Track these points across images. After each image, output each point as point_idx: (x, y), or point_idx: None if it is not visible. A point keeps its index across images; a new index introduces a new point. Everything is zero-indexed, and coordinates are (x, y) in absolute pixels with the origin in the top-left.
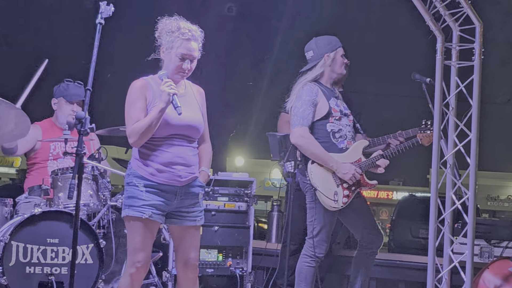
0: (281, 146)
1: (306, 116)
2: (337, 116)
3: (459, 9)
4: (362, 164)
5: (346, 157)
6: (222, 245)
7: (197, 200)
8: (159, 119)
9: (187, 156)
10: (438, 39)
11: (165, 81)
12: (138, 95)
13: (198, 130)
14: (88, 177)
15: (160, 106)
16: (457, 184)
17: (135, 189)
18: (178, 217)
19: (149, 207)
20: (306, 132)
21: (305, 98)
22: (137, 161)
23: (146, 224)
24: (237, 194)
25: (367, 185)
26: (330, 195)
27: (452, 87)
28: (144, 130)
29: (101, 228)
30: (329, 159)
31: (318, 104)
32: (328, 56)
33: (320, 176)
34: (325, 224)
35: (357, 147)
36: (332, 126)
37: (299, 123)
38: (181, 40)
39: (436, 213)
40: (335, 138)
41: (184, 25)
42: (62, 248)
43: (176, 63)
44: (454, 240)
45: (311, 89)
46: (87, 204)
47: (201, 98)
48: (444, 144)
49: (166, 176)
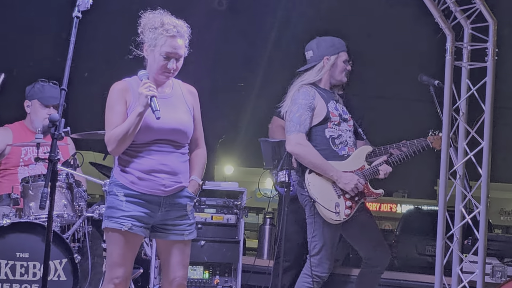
0: (274, 153)
1: (303, 121)
2: (336, 120)
3: (471, 5)
4: (366, 172)
5: (347, 165)
6: (209, 261)
7: (184, 212)
8: (138, 124)
9: (173, 163)
10: (448, 38)
11: (144, 82)
12: (117, 99)
13: (185, 134)
14: (62, 185)
15: (137, 110)
16: (467, 197)
17: (114, 198)
18: (163, 230)
19: (129, 218)
20: (303, 139)
21: (301, 102)
22: (118, 169)
23: (126, 237)
24: (225, 205)
25: (372, 195)
26: (330, 207)
27: (463, 91)
28: (121, 137)
29: (76, 241)
30: (328, 168)
31: (315, 108)
32: (328, 59)
33: (319, 186)
34: (326, 241)
35: (359, 154)
36: (331, 132)
37: (295, 130)
38: (165, 37)
39: (444, 228)
40: (335, 145)
41: (169, 20)
42: (32, 263)
43: (160, 62)
44: (463, 258)
45: (307, 92)
46: (61, 215)
47: (192, 98)
48: (453, 153)
49: (147, 184)
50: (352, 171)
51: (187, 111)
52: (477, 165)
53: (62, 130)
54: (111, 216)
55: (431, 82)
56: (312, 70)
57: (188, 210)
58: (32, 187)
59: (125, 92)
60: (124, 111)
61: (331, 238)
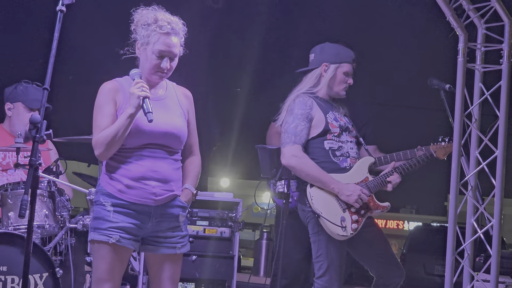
0: (272, 162)
1: (298, 132)
2: (336, 132)
3: (485, 3)
4: (370, 183)
5: (349, 177)
6: (200, 277)
7: (177, 224)
8: (128, 126)
9: (164, 170)
10: (461, 38)
11: (136, 82)
12: (106, 99)
13: (178, 139)
14: (43, 193)
15: (128, 111)
16: (479, 210)
17: (101, 208)
18: (153, 243)
19: (118, 230)
20: (299, 150)
21: (297, 112)
22: (105, 176)
23: (114, 250)
24: (219, 217)
25: (379, 208)
26: (336, 221)
27: (475, 95)
28: (110, 140)
29: (58, 254)
30: (328, 181)
31: (313, 119)
32: (327, 66)
33: (322, 200)
34: (332, 260)
35: (362, 165)
36: (330, 144)
37: (290, 141)
38: (158, 34)
39: (454, 243)
40: (336, 157)
41: (163, 16)
42: (11, 277)
43: (153, 61)
44: (475, 276)
45: (304, 101)
46: (42, 225)
47: (187, 102)
48: (465, 162)
49: (137, 193)
50: (356, 183)
51: (181, 115)
52: (491, 176)
53: (44, 133)
54: (98, 227)
55: (442, 86)
56: (309, 75)
57: (181, 221)
58: (11, 196)
59: (115, 93)
60: (114, 113)
61: (338, 257)
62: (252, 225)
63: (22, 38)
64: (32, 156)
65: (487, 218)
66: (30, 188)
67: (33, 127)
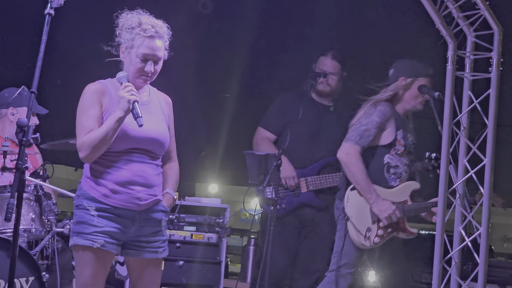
0: (260, 168)
1: (365, 136)
2: (400, 150)
3: (475, 11)
4: (406, 207)
5: (391, 195)
6: (187, 283)
7: (159, 228)
8: (116, 130)
9: (148, 175)
10: (450, 46)
11: (125, 85)
12: (91, 101)
13: (162, 145)
14: (30, 197)
15: (117, 114)
16: (467, 218)
17: (85, 213)
18: (136, 247)
19: (102, 234)
20: (356, 151)
21: (374, 118)
22: (88, 180)
23: (98, 255)
24: (206, 223)
25: (406, 232)
26: (362, 229)
27: (464, 103)
28: (97, 143)
29: (44, 258)
30: (369, 189)
31: (385, 130)
32: (404, 80)
33: (357, 206)
34: (348, 261)
35: (406, 188)
36: (389, 159)
37: (353, 140)
38: (142, 37)
39: (442, 251)
40: (388, 173)
41: (147, 20)
42: None
43: (137, 64)
44: (462, 284)
45: (384, 112)
46: (28, 229)
47: (168, 108)
48: (453, 170)
49: (122, 198)
50: (394, 202)
51: (163, 121)
52: (479, 184)
53: (31, 136)
54: (81, 232)
55: (431, 94)
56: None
57: (163, 225)
58: None
59: (100, 95)
60: (100, 115)
61: (354, 259)
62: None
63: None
64: (18, 159)
65: (475, 226)
66: (17, 191)
67: (20, 130)
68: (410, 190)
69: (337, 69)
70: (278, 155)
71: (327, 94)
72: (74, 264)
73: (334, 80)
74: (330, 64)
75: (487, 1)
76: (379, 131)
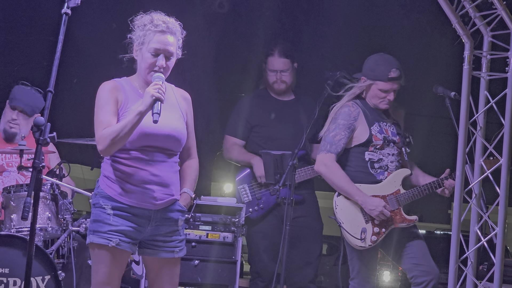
0: (276, 167)
1: (336, 142)
2: (379, 144)
3: (492, 10)
4: (400, 196)
5: (380, 189)
6: (203, 282)
7: (176, 228)
8: (136, 124)
9: (164, 174)
10: (466, 46)
11: (155, 83)
12: (108, 98)
13: (179, 142)
14: (46, 196)
15: (139, 108)
16: (483, 218)
17: (101, 211)
18: (152, 247)
19: (117, 233)
20: (330, 160)
21: (339, 122)
22: (105, 179)
23: (114, 254)
24: (222, 222)
25: (405, 221)
26: (356, 233)
27: (481, 103)
28: (116, 135)
29: (60, 257)
30: (354, 192)
31: (356, 129)
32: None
33: (347, 210)
34: (360, 265)
35: (395, 177)
36: (370, 155)
37: (324, 149)
38: (153, 32)
39: (457, 251)
40: (374, 169)
41: (158, 17)
42: (13, 279)
43: (149, 60)
44: (478, 284)
45: (349, 112)
46: (44, 228)
47: (186, 104)
48: (469, 170)
49: (137, 197)
50: (385, 195)
51: (180, 117)
52: (495, 184)
53: (47, 135)
54: (97, 230)
55: (447, 94)
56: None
57: (180, 225)
58: (14, 198)
59: (116, 91)
60: (116, 111)
61: (364, 262)
62: None
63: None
64: (35, 158)
65: (491, 226)
66: (33, 190)
67: (37, 129)
68: (401, 179)
69: (287, 64)
70: (294, 155)
71: (283, 91)
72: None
73: (287, 76)
74: (279, 62)
75: (503, 1)
76: (350, 132)
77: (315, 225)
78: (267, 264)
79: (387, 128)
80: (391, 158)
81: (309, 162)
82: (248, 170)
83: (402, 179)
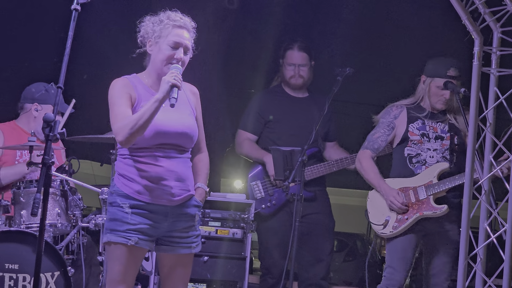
0: (286, 164)
1: (374, 139)
2: (416, 140)
3: (501, 6)
4: (430, 186)
5: (412, 181)
6: (212, 278)
7: (192, 223)
8: (154, 112)
9: (180, 170)
10: (476, 42)
11: (171, 72)
12: (122, 92)
13: (191, 139)
14: (56, 192)
15: (157, 96)
16: (493, 214)
17: (119, 210)
18: (169, 243)
19: (135, 232)
20: (364, 156)
21: (381, 121)
22: (121, 177)
23: (131, 252)
24: (232, 218)
25: (433, 209)
26: (379, 220)
27: (490, 99)
28: (134, 123)
29: (70, 253)
30: (378, 185)
31: (395, 128)
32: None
33: (375, 201)
34: (392, 255)
35: (431, 171)
36: (409, 150)
37: (363, 146)
38: (171, 27)
39: (467, 247)
40: (412, 163)
41: (175, 14)
42: (22, 275)
43: (167, 52)
44: (487, 280)
45: (389, 111)
46: (54, 224)
47: (195, 99)
48: (479, 166)
49: (155, 194)
50: (415, 186)
51: (191, 113)
52: (505, 180)
53: (57, 132)
54: (115, 229)
55: (457, 90)
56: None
57: (196, 220)
58: (23, 194)
59: (128, 88)
60: (130, 105)
61: (395, 251)
62: None
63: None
64: (45, 154)
65: (500, 222)
66: (43, 186)
67: (47, 126)
68: (437, 172)
69: (306, 59)
70: (303, 151)
71: (300, 86)
72: (101, 260)
73: (305, 71)
74: (299, 56)
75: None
76: (390, 129)
77: (327, 222)
78: (277, 261)
79: (436, 126)
80: (431, 153)
81: (321, 160)
82: (261, 166)
83: (438, 172)
